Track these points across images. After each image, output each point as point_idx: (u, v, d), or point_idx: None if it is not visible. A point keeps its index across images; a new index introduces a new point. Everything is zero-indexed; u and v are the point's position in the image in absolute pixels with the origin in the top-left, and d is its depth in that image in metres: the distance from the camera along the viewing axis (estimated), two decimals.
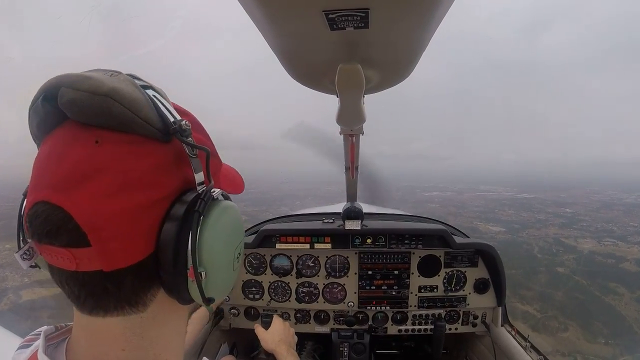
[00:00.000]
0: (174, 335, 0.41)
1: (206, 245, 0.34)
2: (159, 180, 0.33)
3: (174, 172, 0.35)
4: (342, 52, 0.48)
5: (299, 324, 1.75)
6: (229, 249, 0.39)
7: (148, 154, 0.33)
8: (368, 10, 0.35)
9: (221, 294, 0.39)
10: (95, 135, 0.31)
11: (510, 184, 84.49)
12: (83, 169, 0.30)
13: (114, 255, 0.31)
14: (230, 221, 0.38)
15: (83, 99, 0.30)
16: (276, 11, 0.38)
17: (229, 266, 0.39)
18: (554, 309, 21.12)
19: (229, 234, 0.38)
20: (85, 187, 0.30)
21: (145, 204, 0.32)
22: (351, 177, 1.30)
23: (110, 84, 0.31)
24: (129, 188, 0.31)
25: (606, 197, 56.77)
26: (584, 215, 43.55)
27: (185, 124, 0.34)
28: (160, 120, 0.33)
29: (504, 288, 1.61)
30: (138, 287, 0.34)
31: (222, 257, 0.37)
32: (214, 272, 0.35)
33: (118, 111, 0.30)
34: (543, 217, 42.37)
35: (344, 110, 0.68)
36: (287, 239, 1.62)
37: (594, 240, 33.57)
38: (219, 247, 0.36)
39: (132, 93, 0.32)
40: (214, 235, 0.35)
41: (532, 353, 1.41)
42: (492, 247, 1.60)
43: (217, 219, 0.36)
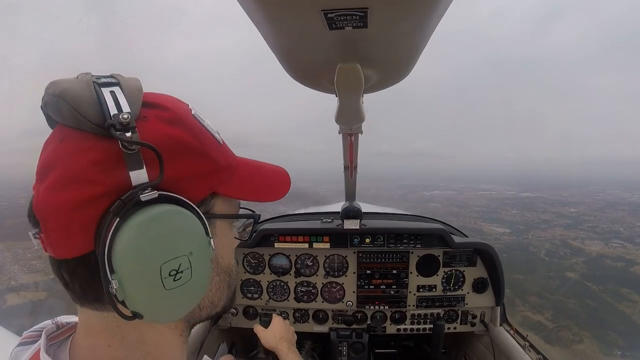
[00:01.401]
0: (165, 341, 0.40)
1: (117, 252, 0.31)
2: (96, 177, 0.32)
3: (115, 169, 0.33)
4: (341, 51, 0.47)
5: (297, 323, 1.75)
6: (147, 261, 0.33)
7: (88, 149, 0.32)
8: (367, 10, 0.35)
9: (152, 312, 0.34)
10: (62, 133, 0.34)
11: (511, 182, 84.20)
12: (47, 164, 0.34)
13: (56, 244, 0.33)
14: (154, 230, 0.33)
15: (48, 101, 0.33)
16: (275, 11, 0.37)
17: (152, 282, 0.33)
18: (566, 318, 20.21)
19: (149, 244, 0.33)
20: (44, 181, 0.33)
21: (81, 200, 0.32)
22: (350, 177, 1.30)
23: (64, 85, 0.32)
24: (69, 183, 0.32)
25: (609, 196, 56.47)
26: (589, 215, 42.91)
27: (123, 117, 0.32)
28: (99, 115, 0.32)
29: (502, 287, 1.61)
30: (91, 281, 0.34)
31: (137, 269, 0.32)
32: (128, 283, 0.32)
33: (64, 109, 0.32)
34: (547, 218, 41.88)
35: (343, 110, 0.68)
36: (285, 239, 1.62)
37: (601, 242, 32.98)
38: (132, 257, 0.32)
39: (78, 91, 0.32)
40: (127, 242, 0.32)
41: (531, 352, 1.41)
42: (490, 246, 1.60)
43: (135, 225, 0.32)
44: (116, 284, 0.31)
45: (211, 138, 0.41)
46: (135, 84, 0.36)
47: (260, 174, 0.48)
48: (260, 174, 0.48)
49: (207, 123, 0.42)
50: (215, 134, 0.43)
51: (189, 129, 0.38)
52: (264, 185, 0.48)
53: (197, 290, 0.38)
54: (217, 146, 0.42)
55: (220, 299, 0.45)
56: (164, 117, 0.37)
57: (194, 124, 0.39)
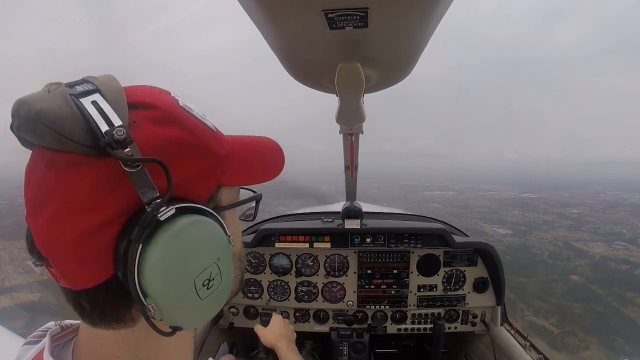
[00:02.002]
0: (178, 346, 0.40)
1: (148, 277, 0.30)
2: (99, 202, 0.30)
3: (118, 190, 0.31)
4: (341, 51, 0.47)
5: (298, 323, 1.75)
6: (181, 279, 0.32)
7: (85, 174, 0.30)
8: (367, 10, 0.35)
9: (190, 321, 0.35)
10: (46, 158, 0.30)
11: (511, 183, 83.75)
12: (37, 194, 0.31)
13: (72, 276, 0.31)
14: (182, 247, 0.32)
15: (22, 125, 0.29)
16: (275, 10, 0.38)
17: (188, 296, 0.33)
18: (571, 323, 19.73)
19: (179, 262, 0.32)
20: (40, 212, 0.30)
21: (89, 228, 0.30)
22: (350, 177, 1.31)
23: (38, 105, 0.29)
24: (72, 213, 0.30)
25: (610, 197, 56.16)
26: (591, 217, 42.41)
27: (118, 134, 0.29)
28: (89, 134, 0.29)
29: (503, 287, 1.61)
30: (115, 305, 0.33)
31: (172, 288, 0.32)
32: (165, 304, 0.31)
33: (46, 133, 0.28)
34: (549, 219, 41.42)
35: (344, 110, 0.68)
36: (286, 238, 1.62)
37: (604, 244, 32.55)
38: (165, 278, 0.31)
39: (56, 110, 0.29)
40: (157, 265, 0.30)
41: (532, 352, 1.41)
42: (491, 246, 1.60)
43: (163, 246, 0.31)
44: (153, 307, 0.31)
45: (205, 128, 0.38)
46: (114, 85, 0.33)
47: (254, 152, 0.45)
48: (255, 151, 0.46)
49: (196, 111, 0.38)
50: (207, 122, 0.39)
51: (182, 125, 0.35)
52: (261, 164, 0.46)
53: (227, 290, 0.39)
54: (213, 135, 0.39)
55: (235, 285, 0.44)
56: (154, 118, 0.33)
57: (185, 117, 0.36)
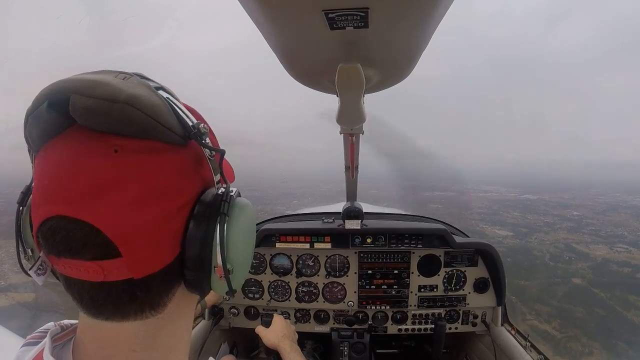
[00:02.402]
0: (184, 330, 0.42)
1: (232, 243, 0.36)
2: (181, 185, 0.34)
3: (194, 175, 0.36)
4: (342, 51, 0.48)
5: (298, 323, 1.75)
6: (249, 244, 0.41)
7: (170, 160, 0.33)
8: (368, 10, 0.36)
9: (241, 285, 0.41)
10: (112, 143, 0.30)
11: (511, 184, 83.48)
12: (103, 179, 0.29)
13: (144, 263, 0.31)
14: (249, 219, 0.40)
15: (100, 106, 0.28)
16: (276, 11, 0.38)
17: (249, 259, 0.42)
18: (574, 328, 19.26)
19: (249, 230, 0.40)
20: (108, 199, 0.29)
21: (171, 210, 0.32)
22: (351, 177, 1.31)
23: (128, 90, 0.29)
24: (154, 196, 0.31)
25: (611, 199, 56.02)
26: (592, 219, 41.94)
27: (204, 127, 0.34)
28: (179, 125, 0.33)
29: (503, 287, 1.61)
30: (163, 289, 0.35)
31: (245, 252, 0.40)
32: (238, 266, 0.37)
33: (139, 119, 0.29)
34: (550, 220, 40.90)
35: (344, 110, 0.68)
36: (287, 239, 1.62)
37: (606, 247, 32.12)
38: (241, 244, 0.38)
39: (150, 99, 0.31)
40: (238, 233, 0.37)
41: (532, 352, 1.40)
42: (491, 246, 1.60)
43: (238, 218, 0.37)
44: (232, 271, 0.36)
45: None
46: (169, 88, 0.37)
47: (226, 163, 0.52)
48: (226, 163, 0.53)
49: None
50: None
51: (213, 134, 0.43)
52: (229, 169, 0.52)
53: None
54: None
55: None
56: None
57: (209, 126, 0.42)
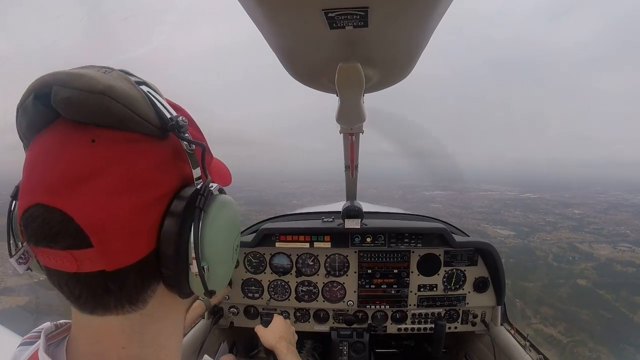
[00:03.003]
0: (173, 329, 0.41)
1: (207, 240, 0.35)
2: (158, 177, 0.33)
3: (172, 168, 0.35)
4: (341, 51, 0.48)
5: (298, 322, 1.75)
6: (228, 242, 0.39)
7: (147, 151, 0.33)
8: (367, 9, 0.35)
9: (222, 286, 0.40)
10: (91, 134, 0.30)
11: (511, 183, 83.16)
12: (80, 169, 0.30)
13: (116, 254, 0.31)
14: (228, 215, 0.39)
15: (79, 97, 0.29)
16: (275, 10, 0.38)
17: (229, 259, 0.40)
18: (580, 331, 18.57)
19: (228, 228, 0.39)
20: (84, 188, 0.29)
21: (146, 202, 0.32)
22: (351, 176, 1.31)
23: (106, 82, 0.30)
24: (129, 187, 0.31)
25: (612, 198, 55.87)
26: (593, 217, 41.24)
27: (182, 120, 0.34)
28: (157, 117, 0.33)
29: (503, 287, 1.61)
30: (139, 284, 0.34)
31: (223, 250, 0.38)
32: (215, 265, 0.36)
33: (115, 109, 0.30)
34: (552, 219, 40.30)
35: (344, 109, 0.68)
36: (286, 238, 1.62)
37: (609, 246, 31.41)
38: (219, 242, 0.37)
39: (128, 90, 0.31)
40: (214, 230, 0.36)
41: (532, 352, 1.41)
42: (491, 246, 1.59)
43: (216, 213, 0.36)
44: (207, 269, 0.35)
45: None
46: (152, 83, 0.37)
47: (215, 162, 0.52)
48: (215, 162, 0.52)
49: None
50: None
51: (197, 127, 0.42)
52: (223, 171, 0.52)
53: (236, 260, 0.44)
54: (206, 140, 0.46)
55: None
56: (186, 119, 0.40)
57: (196, 122, 0.42)
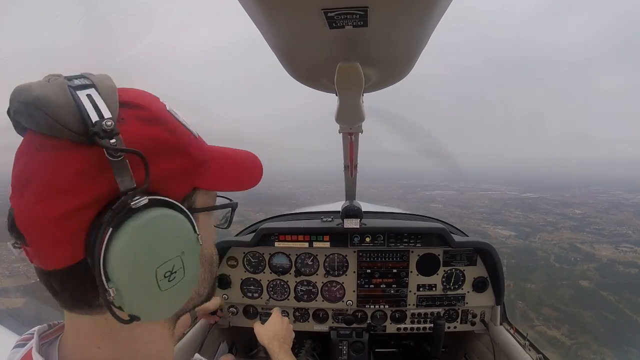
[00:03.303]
0: (151, 337, 0.41)
1: (113, 261, 0.31)
2: (81, 186, 0.32)
3: (100, 177, 0.32)
4: (341, 50, 0.48)
5: (297, 322, 1.75)
6: (144, 267, 0.34)
7: (71, 159, 0.32)
8: (367, 9, 0.35)
9: (149, 313, 0.35)
10: (38, 142, 0.32)
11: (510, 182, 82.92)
12: (24, 175, 0.33)
13: (44, 257, 0.33)
14: (148, 236, 0.34)
15: (21, 109, 0.31)
16: (275, 10, 0.38)
17: (149, 286, 0.34)
18: (584, 333, 18.19)
19: (144, 250, 0.33)
20: (24, 192, 0.32)
21: (67, 211, 0.31)
22: (350, 176, 1.31)
23: (37, 92, 0.31)
24: (52, 194, 0.31)
25: (612, 197, 55.67)
26: (594, 217, 40.67)
27: (106, 124, 0.31)
28: (80, 122, 0.31)
29: (502, 287, 1.61)
30: (82, 290, 0.34)
31: (135, 275, 0.33)
32: (126, 290, 0.32)
33: (41, 118, 0.31)
34: (552, 219, 39.68)
35: (343, 109, 0.68)
36: (286, 238, 1.62)
37: (611, 247, 30.92)
38: (128, 264, 0.33)
39: (54, 97, 0.31)
40: (123, 250, 0.32)
41: (531, 351, 1.41)
42: (490, 245, 1.60)
43: (128, 232, 0.32)
44: (114, 292, 0.32)
45: (187, 132, 0.40)
46: (109, 84, 0.35)
47: (234, 162, 0.48)
48: (234, 162, 0.48)
49: (181, 117, 0.41)
50: (190, 127, 0.42)
51: (166, 126, 0.38)
52: (239, 174, 0.48)
53: (189, 286, 0.39)
54: (194, 140, 0.41)
55: (205, 288, 0.46)
56: (141, 117, 0.36)
57: (170, 120, 0.39)
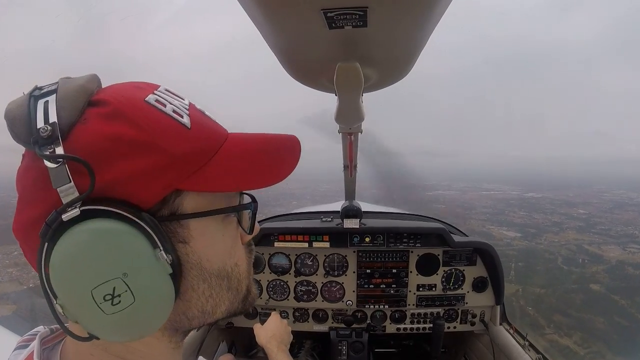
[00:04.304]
0: (151, 350, 0.39)
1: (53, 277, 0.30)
2: (35, 196, 0.32)
3: (48, 187, 0.30)
4: (340, 50, 0.48)
5: (297, 322, 1.75)
6: (79, 287, 0.30)
7: (29, 169, 0.33)
8: (366, 9, 0.35)
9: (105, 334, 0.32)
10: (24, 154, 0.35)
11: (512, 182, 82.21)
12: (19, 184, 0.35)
13: (31, 264, 0.34)
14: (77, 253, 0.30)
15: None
16: (274, 9, 0.38)
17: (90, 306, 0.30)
18: (597, 342, 17.33)
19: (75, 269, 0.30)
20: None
21: (30, 220, 0.32)
22: (349, 176, 1.31)
23: (8, 106, 0.33)
24: (21, 204, 0.33)
25: (616, 197, 55.03)
26: (599, 217, 39.54)
27: (42, 131, 0.29)
28: (27, 131, 0.31)
29: (502, 287, 1.61)
30: None
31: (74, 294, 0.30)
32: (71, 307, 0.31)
33: (10, 131, 0.32)
34: (557, 220, 38.63)
35: (343, 109, 0.68)
36: (285, 238, 1.62)
37: (618, 248, 29.88)
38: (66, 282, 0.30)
39: (14, 111, 0.32)
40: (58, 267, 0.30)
41: (531, 351, 1.40)
42: (490, 245, 1.60)
43: (62, 250, 0.30)
44: (59, 308, 0.31)
45: (169, 124, 0.34)
46: (75, 84, 0.32)
47: (252, 152, 0.39)
48: (253, 152, 0.39)
49: (168, 107, 0.35)
50: (180, 118, 0.35)
51: (131, 121, 0.32)
52: (257, 167, 0.38)
53: (152, 310, 0.33)
54: (178, 133, 0.34)
55: (217, 305, 0.39)
56: (103, 114, 0.32)
57: (141, 112, 0.33)
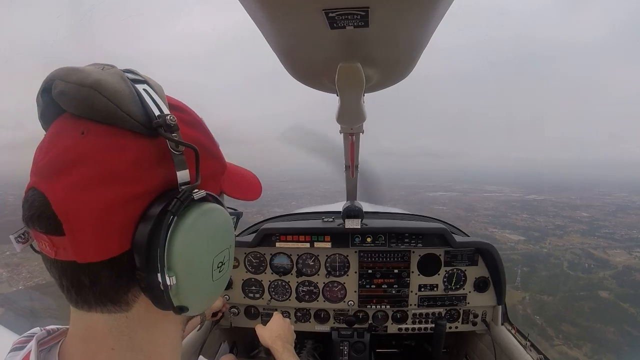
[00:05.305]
0: (166, 340, 0.40)
1: (177, 249, 0.32)
2: (137, 175, 0.32)
3: (156, 168, 0.33)
4: (342, 50, 0.48)
5: (299, 322, 1.75)
6: (205, 255, 0.36)
7: (128, 147, 0.32)
8: (368, 9, 0.36)
9: (197, 304, 0.36)
10: (82, 126, 0.32)
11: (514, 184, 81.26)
12: (65, 158, 0.31)
13: (86, 247, 0.31)
14: (209, 226, 0.36)
15: (70, 90, 0.30)
16: (276, 10, 0.38)
17: (205, 275, 0.36)
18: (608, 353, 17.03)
19: (206, 239, 0.35)
20: (65, 177, 0.31)
21: (120, 199, 0.31)
22: (351, 176, 1.31)
23: (96, 76, 0.30)
24: (105, 181, 0.31)
25: (618, 200, 54.32)
26: (603, 220, 39.33)
27: (171, 119, 0.32)
28: (143, 113, 0.32)
29: (503, 287, 1.61)
30: (115, 284, 0.33)
31: (196, 263, 0.35)
32: (185, 279, 0.33)
33: (101, 103, 0.30)
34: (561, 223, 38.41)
35: (344, 109, 0.68)
36: (287, 238, 1.62)
37: (624, 252, 29.60)
38: (192, 253, 0.34)
39: (115, 85, 0.31)
40: (187, 239, 0.33)
41: (532, 352, 1.40)
42: (491, 245, 1.59)
43: (193, 222, 0.34)
44: (174, 280, 0.32)
45: (215, 140, 0.43)
46: (158, 84, 0.36)
47: (241, 174, 0.52)
48: (241, 174, 0.52)
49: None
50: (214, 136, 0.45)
51: (203, 131, 0.41)
52: (246, 185, 0.51)
53: (227, 279, 0.42)
54: (219, 147, 0.44)
55: None
56: (185, 120, 0.38)
57: (205, 126, 0.42)
